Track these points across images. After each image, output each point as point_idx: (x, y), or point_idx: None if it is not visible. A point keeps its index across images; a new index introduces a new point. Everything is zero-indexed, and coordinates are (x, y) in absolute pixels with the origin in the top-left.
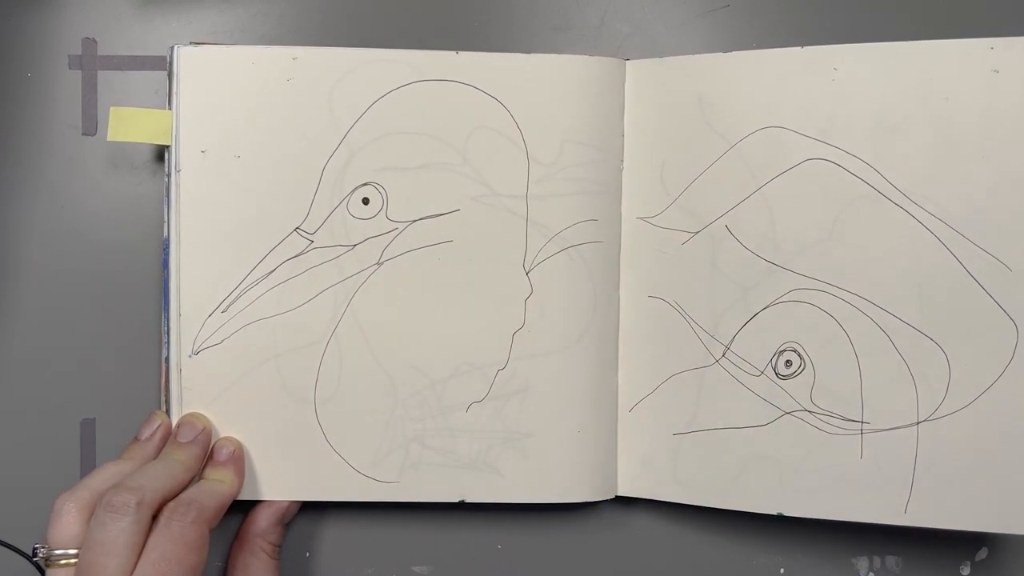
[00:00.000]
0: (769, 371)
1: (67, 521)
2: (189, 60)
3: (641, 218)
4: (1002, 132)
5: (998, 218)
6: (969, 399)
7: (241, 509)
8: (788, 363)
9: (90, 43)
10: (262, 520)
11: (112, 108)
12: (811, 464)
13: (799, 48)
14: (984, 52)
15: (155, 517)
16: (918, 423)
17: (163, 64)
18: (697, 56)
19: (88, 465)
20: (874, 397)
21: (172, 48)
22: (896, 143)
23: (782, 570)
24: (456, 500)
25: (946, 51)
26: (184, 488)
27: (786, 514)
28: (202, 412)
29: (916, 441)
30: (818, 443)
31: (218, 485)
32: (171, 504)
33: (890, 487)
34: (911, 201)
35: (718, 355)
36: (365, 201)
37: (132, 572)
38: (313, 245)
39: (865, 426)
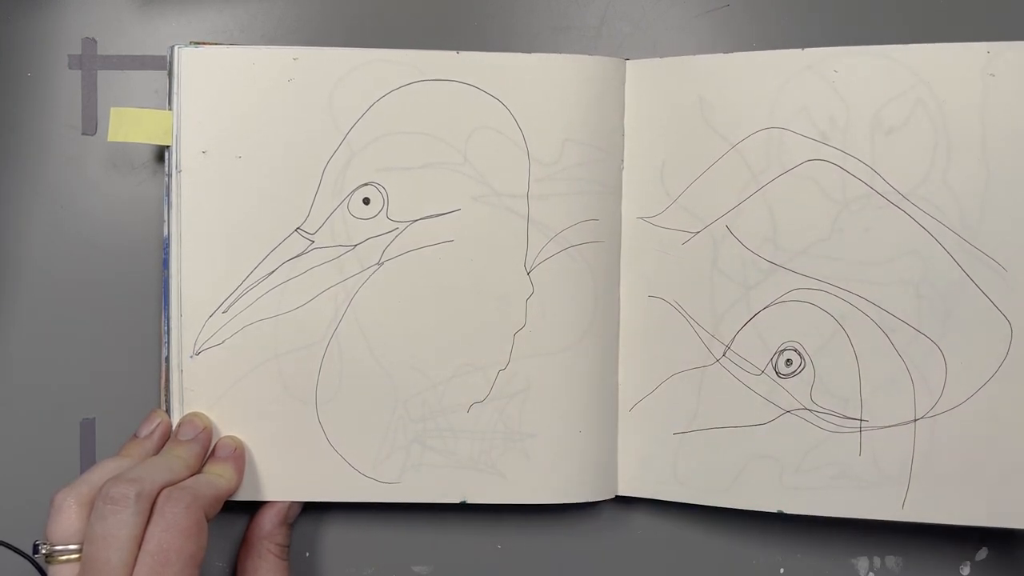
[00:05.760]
0: (769, 370)
1: (67, 516)
2: (189, 60)
3: (642, 218)
4: (997, 135)
5: (993, 219)
6: (965, 396)
7: (245, 513)
8: (788, 362)
9: (90, 43)
10: (266, 522)
11: (112, 109)
12: (811, 462)
13: (799, 50)
14: (980, 56)
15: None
16: (915, 420)
17: (163, 64)
18: (698, 57)
19: (88, 466)
20: (873, 395)
21: (172, 48)
22: (894, 145)
23: (782, 570)
24: (457, 501)
25: (943, 54)
26: None
27: (786, 511)
28: (203, 412)
29: (913, 438)
30: (818, 441)
31: (216, 478)
32: (165, 491)
33: (888, 484)
34: (909, 202)
35: (719, 354)
36: (366, 201)
37: (135, 564)
38: (314, 245)
39: (864, 424)
